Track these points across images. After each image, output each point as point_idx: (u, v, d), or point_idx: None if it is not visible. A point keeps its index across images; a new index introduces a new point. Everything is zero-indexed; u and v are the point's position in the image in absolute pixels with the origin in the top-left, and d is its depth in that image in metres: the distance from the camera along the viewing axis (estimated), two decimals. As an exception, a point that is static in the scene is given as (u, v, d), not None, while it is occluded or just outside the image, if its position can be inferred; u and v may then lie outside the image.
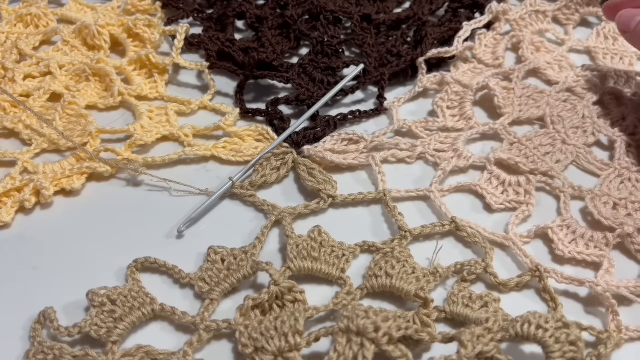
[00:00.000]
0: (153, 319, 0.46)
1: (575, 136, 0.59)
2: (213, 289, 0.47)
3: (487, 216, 0.53)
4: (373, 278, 0.47)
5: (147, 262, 0.48)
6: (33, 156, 0.56)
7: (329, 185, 0.53)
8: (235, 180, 0.54)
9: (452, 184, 0.55)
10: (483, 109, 0.62)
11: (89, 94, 0.62)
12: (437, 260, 0.49)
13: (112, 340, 0.43)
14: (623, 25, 0.57)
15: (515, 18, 0.70)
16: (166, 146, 0.58)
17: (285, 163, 0.55)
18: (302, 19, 0.68)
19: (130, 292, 0.46)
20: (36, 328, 0.44)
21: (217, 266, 0.48)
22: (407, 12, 0.70)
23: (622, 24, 0.57)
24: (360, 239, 0.50)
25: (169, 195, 0.54)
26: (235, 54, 0.64)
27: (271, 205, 0.53)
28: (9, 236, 0.51)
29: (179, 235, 0.51)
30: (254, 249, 0.49)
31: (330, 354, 0.39)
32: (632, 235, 0.50)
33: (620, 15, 0.58)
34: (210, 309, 0.46)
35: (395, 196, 0.54)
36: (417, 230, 0.51)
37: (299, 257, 0.48)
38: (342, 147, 0.57)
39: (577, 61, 0.67)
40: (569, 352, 0.39)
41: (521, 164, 0.55)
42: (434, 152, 0.57)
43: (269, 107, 0.60)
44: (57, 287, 0.48)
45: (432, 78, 0.63)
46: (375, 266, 0.48)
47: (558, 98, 0.62)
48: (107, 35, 0.66)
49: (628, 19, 0.57)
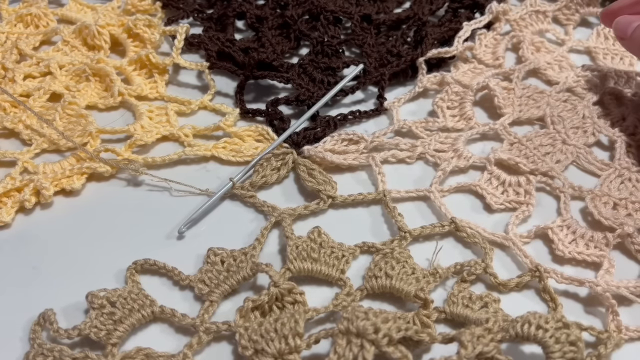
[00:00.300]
0: (153, 321, 0.46)
1: (575, 136, 0.59)
2: (213, 290, 0.47)
3: (487, 216, 0.53)
4: (373, 279, 0.47)
5: (147, 264, 0.48)
6: (33, 156, 0.56)
7: (329, 186, 0.53)
8: (235, 180, 0.54)
9: (452, 184, 0.55)
10: (483, 109, 0.62)
11: (89, 94, 0.62)
12: (436, 260, 0.49)
13: (111, 342, 0.43)
14: (620, 32, 0.57)
15: (515, 18, 0.69)
16: (166, 146, 0.58)
17: (285, 163, 0.55)
18: (302, 19, 0.68)
19: (130, 294, 0.45)
20: (36, 330, 0.44)
21: (217, 268, 0.48)
22: (407, 12, 0.70)
23: (619, 31, 0.57)
24: (360, 240, 0.50)
25: (169, 196, 0.54)
26: (235, 54, 0.64)
27: (271, 207, 0.52)
28: (9, 236, 0.51)
29: (179, 236, 0.51)
30: (254, 250, 0.49)
31: (330, 355, 0.39)
32: (632, 235, 0.50)
33: (617, 21, 0.58)
34: (210, 311, 0.46)
35: (395, 196, 0.54)
36: (416, 231, 0.51)
37: (298, 258, 0.48)
38: (342, 147, 0.57)
39: (577, 61, 0.67)
40: (569, 352, 0.39)
41: (521, 164, 0.55)
42: (434, 152, 0.57)
43: (269, 108, 0.60)
44: (57, 287, 0.48)
45: (432, 78, 0.63)
46: (375, 267, 0.48)
47: (558, 98, 0.62)
48: (107, 35, 0.66)
49: (625, 25, 0.57)
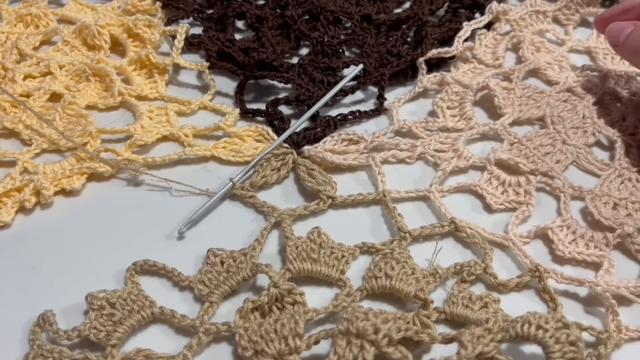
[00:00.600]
0: (152, 322, 0.46)
1: (575, 136, 0.59)
2: (212, 291, 0.47)
3: (487, 216, 0.53)
4: (372, 279, 0.47)
5: (146, 265, 0.48)
6: (33, 156, 0.56)
7: (329, 186, 0.53)
8: (235, 181, 0.54)
9: (452, 185, 0.55)
10: (483, 109, 0.62)
11: (89, 94, 0.62)
12: (436, 261, 0.49)
13: (111, 343, 0.43)
14: (613, 39, 0.57)
15: (515, 18, 0.69)
16: (166, 146, 0.58)
17: (285, 163, 0.55)
18: (302, 19, 0.68)
19: (130, 295, 0.45)
20: (35, 331, 0.44)
21: (217, 268, 0.48)
22: (407, 12, 0.70)
23: (612, 37, 0.57)
24: (360, 240, 0.50)
25: (169, 196, 0.54)
26: (235, 54, 0.64)
27: (271, 207, 0.52)
28: (9, 236, 0.51)
29: (179, 237, 0.51)
30: (253, 250, 0.49)
31: (330, 356, 0.39)
32: (632, 235, 0.50)
33: (609, 28, 0.58)
34: (209, 312, 0.46)
35: (395, 197, 0.54)
36: (416, 231, 0.51)
37: (298, 258, 0.48)
38: (342, 147, 0.57)
39: (577, 61, 0.67)
40: (569, 353, 0.39)
41: (521, 164, 0.55)
42: (434, 152, 0.57)
43: (269, 108, 0.60)
44: (56, 287, 0.48)
45: (432, 78, 0.63)
46: (375, 267, 0.48)
47: (558, 98, 0.62)
48: (107, 35, 0.66)
49: (617, 32, 0.57)
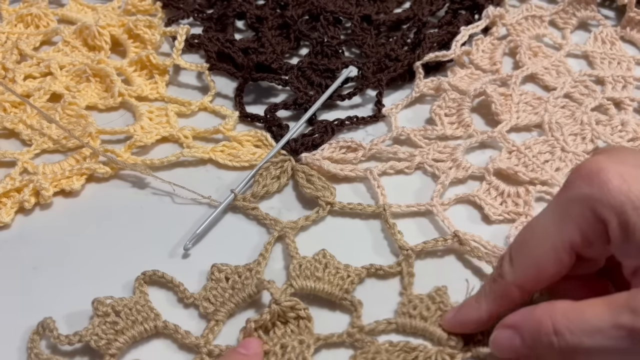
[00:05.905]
0: (155, 336, 0.45)
1: (574, 143, 0.58)
2: (218, 309, 0.45)
3: (485, 227, 0.52)
4: (406, 316, 0.45)
5: (155, 275, 0.47)
6: (33, 156, 0.56)
7: (327, 192, 0.52)
8: (237, 192, 0.53)
9: (450, 196, 0.54)
10: (480, 115, 0.61)
11: (89, 95, 0.62)
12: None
13: (110, 352, 0.42)
14: None
15: (512, 22, 0.69)
16: (165, 147, 0.58)
17: (284, 171, 0.54)
18: (302, 19, 0.69)
19: (136, 305, 0.44)
20: (34, 339, 0.43)
21: (222, 285, 0.46)
22: (407, 12, 0.71)
23: None
24: (361, 250, 0.50)
25: (169, 197, 0.54)
26: (235, 54, 0.64)
27: (273, 220, 0.51)
28: (8, 236, 0.51)
29: (185, 254, 0.50)
30: (258, 266, 0.48)
31: None
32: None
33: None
34: (215, 331, 0.45)
35: (396, 211, 0.52)
36: (418, 247, 0.49)
37: (301, 276, 0.47)
38: (340, 155, 0.56)
39: (574, 66, 0.67)
40: None
41: (520, 173, 0.54)
42: (432, 162, 0.56)
43: (267, 114, 0.60)
44: (56, 287, 0.48)
45: (428, 83, 0.63)
46: (409, 303, 0.46)
47: (556, 104, 0.62)
48: (107, 36, 0.66)
49: None
